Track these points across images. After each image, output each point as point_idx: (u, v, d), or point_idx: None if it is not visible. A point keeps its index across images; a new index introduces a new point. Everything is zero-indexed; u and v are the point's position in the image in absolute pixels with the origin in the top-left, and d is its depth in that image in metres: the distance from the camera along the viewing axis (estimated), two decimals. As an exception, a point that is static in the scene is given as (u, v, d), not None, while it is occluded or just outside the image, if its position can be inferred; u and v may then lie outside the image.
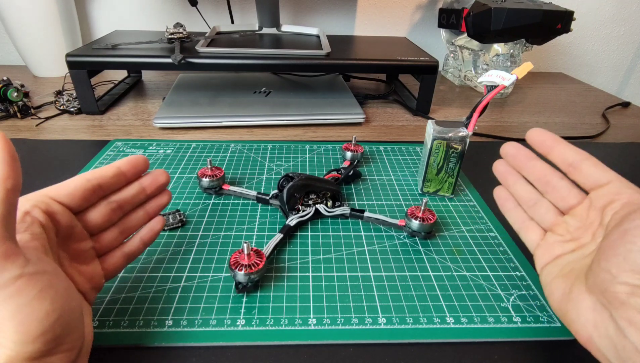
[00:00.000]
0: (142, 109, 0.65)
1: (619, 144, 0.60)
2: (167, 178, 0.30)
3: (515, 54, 0.73)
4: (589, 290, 0.23)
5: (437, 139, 0.40)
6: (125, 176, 0.28)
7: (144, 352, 0.26)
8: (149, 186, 0.29)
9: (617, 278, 0.20)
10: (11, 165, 0.18)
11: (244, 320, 0.28)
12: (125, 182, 0.28)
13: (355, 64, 0.62)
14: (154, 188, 0.30)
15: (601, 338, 0.21)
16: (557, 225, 0.29)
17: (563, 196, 0.29)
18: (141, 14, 0.87)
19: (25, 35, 0.73)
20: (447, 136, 0.40)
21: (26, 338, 0.18)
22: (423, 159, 0.43)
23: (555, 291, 0.25)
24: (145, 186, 0.29)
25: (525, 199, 0.31)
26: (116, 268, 0.28)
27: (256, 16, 0.72)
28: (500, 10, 0.63)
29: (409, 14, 0.93)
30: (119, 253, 0.28)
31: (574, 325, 0.23)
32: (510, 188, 0.33)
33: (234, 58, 0.58)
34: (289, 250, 0.35)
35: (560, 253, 0.27)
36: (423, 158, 0.43)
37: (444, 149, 0.41)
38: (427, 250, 0.36)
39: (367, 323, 0.29)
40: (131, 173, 0.28)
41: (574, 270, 0.25)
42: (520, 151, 0.32)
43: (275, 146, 0.54)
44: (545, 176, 0.30)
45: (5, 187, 0.18)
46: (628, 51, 1.02)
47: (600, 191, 0.27)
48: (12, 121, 0.58)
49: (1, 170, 0.18)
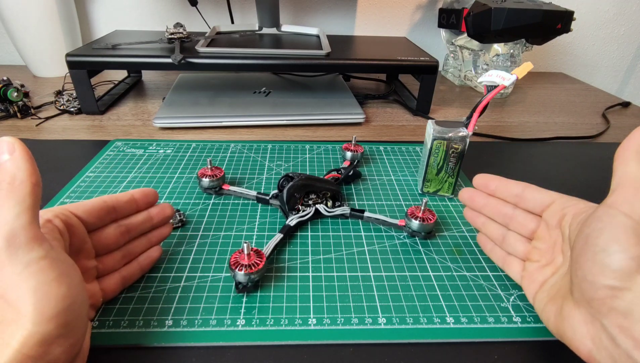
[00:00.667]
0: (142, 109, 0.65)
1: (619, 144, 0.60)
2: (172, 211, 0.33)
3: (515, 54, 0.73)
4: (577, 304, 0.23)
5: (437, 139, 0.40)
6: (137, 204, 0.31)
7: (144, 352, 0.26)
8: (156, 216, 0.32)
9: (596, 283, 0.21)
10: (32, 163, 0.21)
11: (244, 320, 0.28)
12: (136, 209, 0.31)
13: (355, 64, 0.62)
14: (160, 218, 0.32)
15: (600, 351, 0.22)
16: (530, 252, 0.31)
17: (522, 223, 0.31)
18: (141, 14, 0.87)
19: (25, 36, 0.73)
20: (447, 136, 0.40)
21: (42, 316, 0.19)
22: (423, 159, 0.43)
23: (550, 315, 0.26)
24: (152, 216, 0.32)
25: (496, 236, 0.34)
26: (113, 290, 0.29)
27: (256, 16, 0.72)
28: (500, 10, 0.63)
29: (409, 14, 0.93)
30: (117, 275, 0.29)
31: (574, 343, 0.23)
32: (482, 229, 0.35)
33: (234, 58, 0.58)
34: (289, 250, 0.35)
35: (543, 280, 0.28)
36: (423, 158, 0.43)
37: (444, 149, 0.41)
38: (427, 250, 0.36)
39: (367, 323, 0.29)
40: (142, 202, 0.31)
41: (560, 291, 0.26)
42: (475, 194, 0.35)
43: (275, 146, 0.54)
44: (501, 210, 0.33)
45: (31, 182, 0.20)
46: (628, 51, 1.02)
47: (548, 211, 0.30)
48: (12, 121, 0.58)
49: (26, 168, 0.20)
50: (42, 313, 0.19)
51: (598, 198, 0.28)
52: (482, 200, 0.34)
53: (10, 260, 0.19)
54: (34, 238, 0.20)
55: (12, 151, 0.20)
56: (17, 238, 0.19)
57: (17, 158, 0.20)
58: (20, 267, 0.19)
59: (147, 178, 0.45)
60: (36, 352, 0.19)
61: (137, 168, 0.47)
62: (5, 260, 0.19)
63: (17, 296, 0.19)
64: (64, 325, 0.20)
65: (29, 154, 0.21)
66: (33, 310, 0.19)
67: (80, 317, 0.22)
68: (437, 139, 0.40)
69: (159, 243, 0.33)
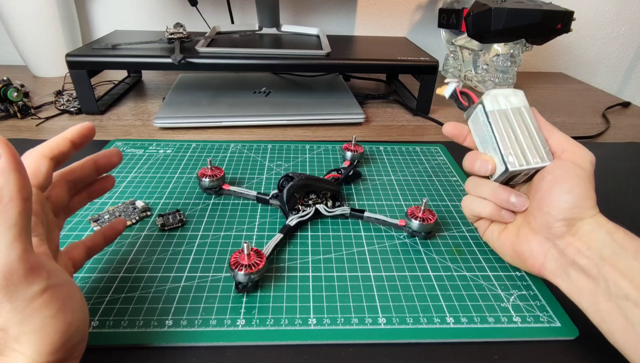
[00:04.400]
0: (142, 109, 0.65)
1: (619, 144, 0.60)
2: (118, 158, 0.31)
3: (515, 54, 0.73)
4: (535, 231, 0.30)
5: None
6: (96, 166, 0.29)
7: (144, 352, 0.26)
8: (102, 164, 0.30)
9: (556, 216, 0.28)
10: (21, 172, 0.18)
11: (244, 320, 0.28)
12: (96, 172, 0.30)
13: (355, 64, 0.62)
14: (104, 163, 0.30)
15: (550, 262, 0.29)
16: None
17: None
18: (141, 14, 0.87)
19: (25, 35, 0.73)
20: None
21: (50, 349, 0.19)
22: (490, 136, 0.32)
23: (505, 243, 0.32)
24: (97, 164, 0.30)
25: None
26: (81, 261, 0.28)
27: (256, 16, 0.72)
28: (500, 10, 0.63)
29: (409, 14, 0.93)
30: (82, 246, 0.28)
31: (529, 261, 0.30)
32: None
33: (234, 58, 0.58)
34: (289, 250, 0.35)
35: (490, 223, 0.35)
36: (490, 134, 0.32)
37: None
38: (427, 250, 0.36)
39: (367, 323, 0.29)
40: (103, 163, 0.30)
41: (510, 226, 0.32)
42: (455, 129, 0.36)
43: (275, 146, 0.54)
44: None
45: (22, 197, 0.18)
46: (628, 51, 1.02)
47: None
48: (12, 121, 0.58)
49: (14, 180, 0.17)
50: (52, 345, 0.19)
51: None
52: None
53: (10, 298, 0.17)
54: (32, 270, 0.18)
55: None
56: (14, 274, 0.17)
57: (4, 167, 0.17)
58: (22, 304, 0.18)
59: (147, 178, 0.45)
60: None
61: (137, 168, 0.47)
62: (3, 298, 0.17)
63: (20, 333, 0.18)
64: (70, 349, 0.20)
65: (17, 160, 0.18)
66: (41, 346, 0.18)
67: (84, 333, 0.21)
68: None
69: (99, 196, 0.32)
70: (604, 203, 0.30)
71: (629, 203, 0.45)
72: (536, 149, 0.30)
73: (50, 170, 0.25)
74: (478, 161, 0.32)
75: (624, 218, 0.30)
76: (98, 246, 0.30)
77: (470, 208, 0.34)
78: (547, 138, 0.31)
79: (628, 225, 0.27)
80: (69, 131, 0.27)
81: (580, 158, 0.29)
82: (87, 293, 0.30)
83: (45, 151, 0.25)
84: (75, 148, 0.27)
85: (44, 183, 0.24)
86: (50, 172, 0.25)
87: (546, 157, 0.30)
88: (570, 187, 0.28)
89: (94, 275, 0.32)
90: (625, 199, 0.45)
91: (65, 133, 0.27)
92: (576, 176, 0.28)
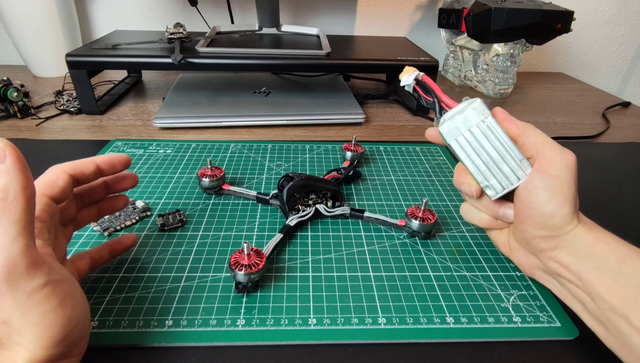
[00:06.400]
0: (142, 109, 0.65)
1: (619, 144, 0.60)
2: (133, 181, 0.32)
3: (515, 54, 0.73)
4: (519, 243, 0.31)
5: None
6: (102, 174, 0.29)
7: (144, 352, 0.26)
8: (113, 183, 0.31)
9: (533, 234, 0.28)
10: (25, 173, 0.19)
11: (244, 320, 0.28)
12: (103, 184, 0.30)
13: (355, 64, 0.62)
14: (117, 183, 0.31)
15: (537, 270, 0.30)
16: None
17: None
18: (141, 14, 0.87)
19: (25, 36, 0.73)
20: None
21: (50, 342, 0.19)
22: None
23: (500, 244, 0.33)
24: (108, 183, 0.31)
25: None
26: (85, 270, 0.29)
27: (256, 16, 0.72)
28: (500, 10, 0.63)
29: (409, 14, 0.93)
30: (87, 256, 0.29)
31: (520, 266, 0.32)
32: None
33: (234, 58, 0.58)
34: (289, 250, 0.35)
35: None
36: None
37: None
38: (427, 250, 0.36)
39: (367, 323, 0.29)
40: (108, 172, 0.30)
41: (506, 230, 0.33)
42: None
43: (275, 146, 0.54)
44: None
45: (25, 195, 0.18)
46: (628, 51, 1.02)
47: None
48: (12, 121, 0.58)
49: (19, 179, 0.18)
50: (51, 339, 0.19)
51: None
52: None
53: (12, 291, 0.18)
54: (34, 264, 0.19)
55: (2, 159, 0.18)
56: (16, 267, 0.18)
57: (9, 167, 0.18)
58: (24, 297, 0.18)
59: (147, 178, 0.45)
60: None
61: (137, 168, 0.47)
62: (5, 291, 0.18)
63: (22, 325, 0.19)
64: (70, 344, 0.20)
65: (22, 162, 0.19)
66: (41, 338, 0.19)
67: (85, 330, 0.22)
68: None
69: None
70: (604, 203, 0.30)
71: (629, 203, 0.45)
72: (515, 163, 0.28)
73: (67, 185, 0.26)
74: (464, 185, 0.31)
75: (624, 218, 0.30)
76: (102, 258, 0.31)
77: (469, 219, 0.34)
78: (522, 143, 0.28)
79: (628, 225, 0.27)
80: (100, 157, 0.29)
81: (554, 165, 0.27)
82: (87, 293, 0.30)
83: (68, 168, 0.26)
84: (102, 173, 0.29)
85: (59, 196, 0.25)
86: (66, 187, 0.26)
87: (525, 170, 0.28)
88: (541, 205, 0.27)
89: (94, 275, 0.32)
90: (625, 199, 0.45)
91: (96, 157, 0.28)
92: (548, 190, 0.27)
